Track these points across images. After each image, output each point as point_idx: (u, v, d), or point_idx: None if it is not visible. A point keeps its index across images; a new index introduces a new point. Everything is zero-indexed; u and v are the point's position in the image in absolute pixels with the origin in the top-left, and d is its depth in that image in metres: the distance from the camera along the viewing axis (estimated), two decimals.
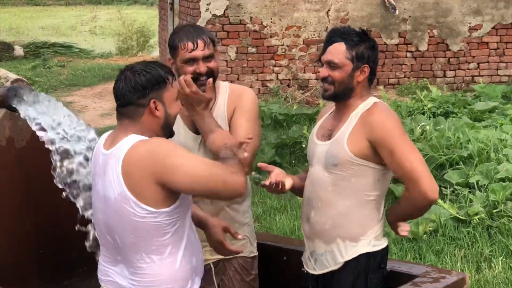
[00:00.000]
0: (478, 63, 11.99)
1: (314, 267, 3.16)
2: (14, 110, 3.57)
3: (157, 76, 2.78)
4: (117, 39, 20.86)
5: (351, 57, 3.04)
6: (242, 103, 3.29)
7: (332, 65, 3.06)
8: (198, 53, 3.19)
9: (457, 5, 11.78)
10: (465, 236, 5.60)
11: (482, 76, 11.91)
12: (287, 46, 11.51)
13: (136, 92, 2.75)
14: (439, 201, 6.08)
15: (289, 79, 11.52)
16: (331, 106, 3.28)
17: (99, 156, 2.83)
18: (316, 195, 3.10)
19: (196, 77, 3.20)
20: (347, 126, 3.06)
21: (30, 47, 20.20)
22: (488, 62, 12.01)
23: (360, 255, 3.07)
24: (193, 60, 3.20)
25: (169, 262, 2.76)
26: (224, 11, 11.23)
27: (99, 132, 3.37)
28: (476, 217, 5.78)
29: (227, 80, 10.96)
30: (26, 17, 34.09)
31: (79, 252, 3.31)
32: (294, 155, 8.24)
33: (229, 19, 11.21)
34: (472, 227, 5.72)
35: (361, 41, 3.08)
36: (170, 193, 2.69)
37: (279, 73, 11.51)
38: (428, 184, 2.98)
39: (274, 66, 11.47)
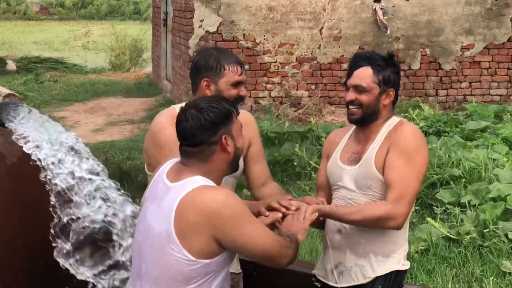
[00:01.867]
0: (470, 83, 12.04)
1: (337, 280, 3.15)
2: (4, 126, 3.58)
3: (224, 110, 2.73)
4: (110, 54, 20.84)
5: (378, 81, 3.09)
6: (256, 132, 3.48)
7: (359, 89, 3.09)
8: (244, 77, 3.25)
9: (449, 25, 11.85)
10: (456, 256, 5.59)
11: (474, 95, 11.96)
12: (280, 63, 11.54)
13: (207, 130, 2.68)
14: (430, 220, 6.10)
15: (282, 97, 11.53)
16: (341, 130, 3.37)
17: (159, 183, 2.77)
18: None
19: (238, 99, 3.21)
20: (374, 146, 3.10)
21: (22, 61, 20.15)
22: (480, 81, 12.06)
23: (391, 272, 3.09)
24: (238, 84, 3.22)
25: None
26: (217, 28, 11.26)
27: (91, 148, 3.38)
28: (467, 237, 5.76)
29: None
30: (19, 31, 34.06)
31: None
32: (286, 173, 8.22)
33: (222, 36, 11.24)
34: (463, 247, 5.70)
35: (387, 66, 3.13)
36: (222, 247, 2.64)
37: (272, 90, 11.53)
38: (404, 214, 3.00)
39: (267, 83, 11.49)
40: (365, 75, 3.09)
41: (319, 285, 3.20)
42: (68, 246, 3.21)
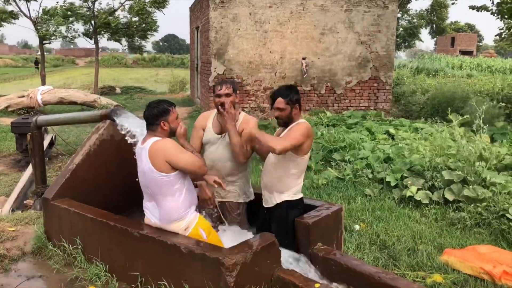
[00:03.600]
0: (350, 100, 12.02)
1: (266, 204, 3.10)
2: (114, 121, 3.50)
3: (163, 108, 2.71)
4: (169, 85, 20.62)
5: (287, 102, 2.95)
6: (248, 126, 3.11)
7: (280, 109, 2.96)
8: (222, 92, 3.05)
9: (340, 70, 11.81)
10: (342, 186, 5.62)
11: (352, 106, 11.96)
12: (255, 90, 11.43)
13: (152, 118, 2.70)
14: (330, 168, 6.12)
15: (256, 107, 11.45)
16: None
17: (139, 147, 2.77)
18: (267, 170, 3.04)
19: (218, 104, 3.06)
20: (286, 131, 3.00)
21: (123, 88, 19.94)
22: (354, 99, 12.05)
23: (283, 201, 3.00)
24: (218, 95, 3.06)
25: (177, 199, 2.68)
26: (223, 72, 11.12)
27: None
28: (348, 177, 5.80)
29: None
30: (122, 73, 33.49)
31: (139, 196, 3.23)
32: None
33: (226, 76, 11.10)
34: (345, 182, 5.74)
35: (290, 92, 2.97)
36: (173, 167, 2.64)
37: (251, 104, 11.43)
38: (283, 146, 2.78)
39: (248, 100, 11.38)
40: (280, 101, 2.95)
41: (263, 205, 3.14)
42: None
